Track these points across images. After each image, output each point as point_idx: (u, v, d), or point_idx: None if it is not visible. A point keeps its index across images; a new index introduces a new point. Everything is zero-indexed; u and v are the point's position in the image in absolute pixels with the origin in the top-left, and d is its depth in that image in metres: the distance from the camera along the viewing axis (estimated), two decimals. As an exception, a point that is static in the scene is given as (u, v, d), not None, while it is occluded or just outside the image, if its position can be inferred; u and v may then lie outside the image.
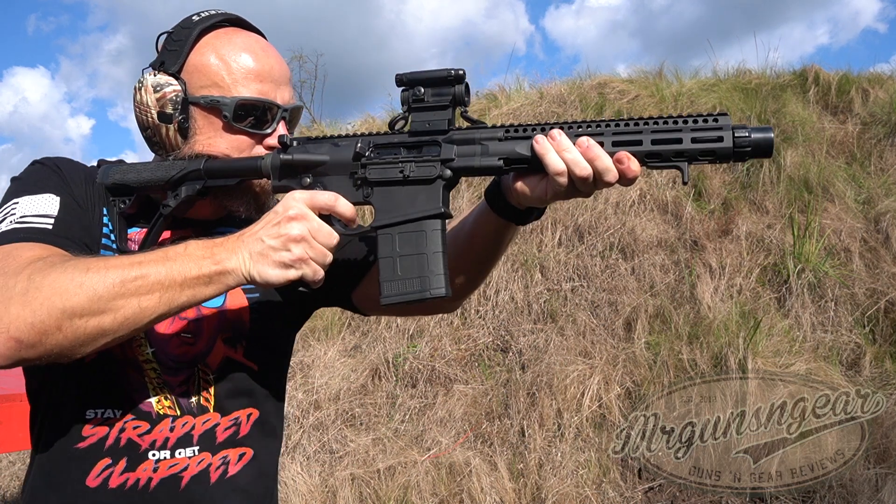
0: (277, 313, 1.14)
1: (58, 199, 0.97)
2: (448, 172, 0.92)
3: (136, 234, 1.05)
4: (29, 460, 1.06)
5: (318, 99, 8.74)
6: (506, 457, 3.62)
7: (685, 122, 0.85)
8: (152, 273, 0.83)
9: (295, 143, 0.98)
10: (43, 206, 0.95)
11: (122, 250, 1.01)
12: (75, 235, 0.96)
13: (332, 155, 0.96)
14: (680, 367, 3.71)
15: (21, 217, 0.92)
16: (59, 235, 0.93)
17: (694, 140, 0.84)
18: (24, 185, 0.98)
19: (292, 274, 0.87)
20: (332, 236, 0.90)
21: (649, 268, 4.26)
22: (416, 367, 4.19)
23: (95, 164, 1.09)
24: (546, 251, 4.54)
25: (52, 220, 0.94)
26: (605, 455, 3.49)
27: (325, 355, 4.42)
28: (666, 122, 0.85)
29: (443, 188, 0.93)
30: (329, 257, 0.90)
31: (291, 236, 0.86)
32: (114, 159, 1.11)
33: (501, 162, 0.90)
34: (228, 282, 0.87)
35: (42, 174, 1.00)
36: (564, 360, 3.86)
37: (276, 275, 0.87)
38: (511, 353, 4.14)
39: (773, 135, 0.84)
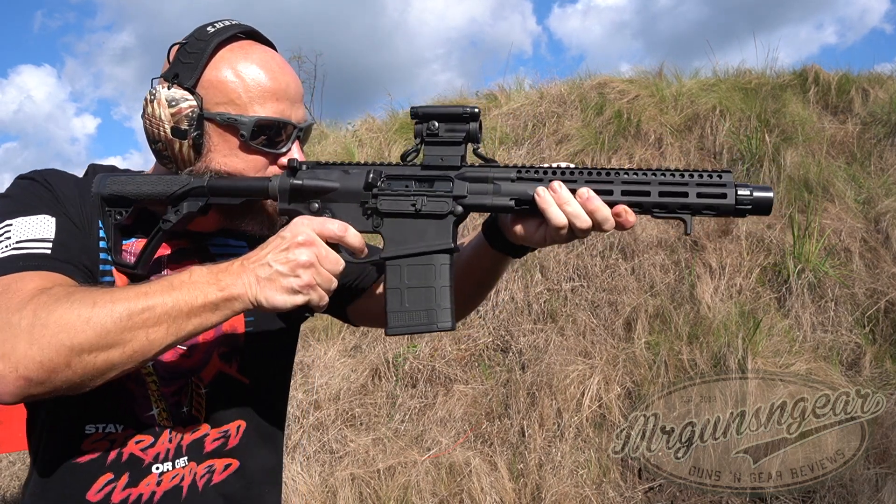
0: (272, 329, 1.14)
1: (53, 219, 0.93)
2: (459, 209, 0.94)
3: (133, 244, 1.03)
4: (30, 462, 1.05)
5: (318, 99, 8.75)
6: (506, 457, 3.62)
7: (691, 176, 0.88)
8: (159, 304, 0.82)
9: (304, 167, 0.98)
10: (39, 230, 0.91)
11: (119, 263, 1.00)
12: (75, 258, 0.94)
13: (343, 182, 0.97)
14: (680, 367, 3.71)
15: (17, 243, 0.89)
16: (59, 259, 0.90)
17: (699, 195, 0.88)
18: (14, 204, 0.94)
19: (299, 299, 0.87)
20: (338, 263, 0.90)
21: (649, 268, 4.26)
22: (416, 367, 4.18)
23: (86, 170, 1.07)
24: (546, 251, 4.54)
25: (49, 245, 0.91)
26: (605, 455, 3.48)
27: (325, 355, 4.42)
28: (673, 175, 0.89)
29: (453, 224, 0.95)
30: (334, 284, 0.91)
31: (300, 262, 0.86)
32: (105, 163, 1.09)
33: (513, 202, 0.92)
34: (235, 307, 0.86)
35: (32, 192, 0.96)
36: (564, 360, 3.86)
37: (284, 300, 0.86)
38: (511, 353, 4.14)
39: (772, 194, 0.87)
